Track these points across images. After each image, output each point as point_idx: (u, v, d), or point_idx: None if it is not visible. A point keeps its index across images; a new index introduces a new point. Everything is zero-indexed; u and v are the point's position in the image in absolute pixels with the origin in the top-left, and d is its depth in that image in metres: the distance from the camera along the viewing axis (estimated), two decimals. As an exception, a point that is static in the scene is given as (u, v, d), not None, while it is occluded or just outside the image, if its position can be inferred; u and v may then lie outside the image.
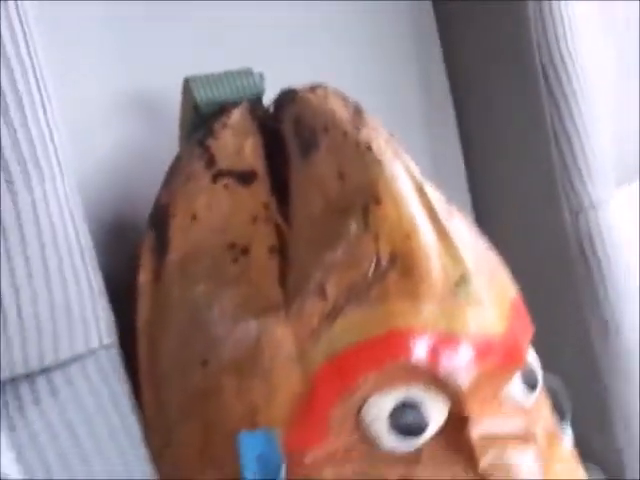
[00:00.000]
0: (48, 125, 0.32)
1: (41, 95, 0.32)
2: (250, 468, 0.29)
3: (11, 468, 0.28)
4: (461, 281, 0.30)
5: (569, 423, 0.38)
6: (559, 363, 0.42)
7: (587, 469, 0.51)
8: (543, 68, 0.52)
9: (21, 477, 0.28)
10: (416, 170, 0.32)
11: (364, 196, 0.31)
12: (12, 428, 0.30)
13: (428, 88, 0.53)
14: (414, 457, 0.29)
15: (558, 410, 0.38)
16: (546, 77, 0.51)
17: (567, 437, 0.35)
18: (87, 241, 0.34)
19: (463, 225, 0.34)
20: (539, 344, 0.35)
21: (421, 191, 0.32)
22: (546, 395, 0.36)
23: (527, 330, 0.33)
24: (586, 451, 0.50)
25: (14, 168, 0.30)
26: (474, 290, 0.30)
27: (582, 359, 0.53)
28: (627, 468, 0.52)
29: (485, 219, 0.54)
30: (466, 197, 0.54)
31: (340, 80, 0.36)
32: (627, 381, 0.52)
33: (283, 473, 0.29)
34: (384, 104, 0.44)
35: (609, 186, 0.55)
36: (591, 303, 0.52)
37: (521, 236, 0.55)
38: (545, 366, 0.36)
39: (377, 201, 0.31)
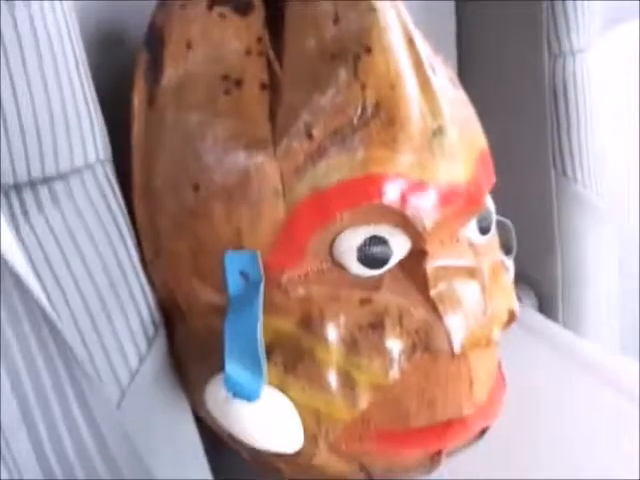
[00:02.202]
0: None
1: None
2: (234, 282, 0.33)
3: (19, 263, 0.30)
4: (437, 132, 0.33)
5: (512, 258, 0.43)
6: (518, 208, 0.46)
7: (522, 290, 0.58)
8: None
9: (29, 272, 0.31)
10: (408, 20, 0.33)
11: (356, 44, 0.32)
12: (17, 230, 0.33)
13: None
14: (376, 282, 0.34)
15: (505, 247, 0.42)
16: None
17: (509, 271, 0.40)
18: (83, 57, 0.35)
19: (445, 77, 0.36)
20: (501, 191, 0.39)
21: (410, 42, 0.33)
22: (497, 234, 0.40)
23: (489, 180, 0.37)
24: (525, 277, 0.57)
25: None
26: (447, 142, 0.33)
27: (540, 206, 0.57)
28: (559, 294, 0.59)
29: (469, 61, 0.55)
30: (452, 41, 0.54)
31: None
32: (575, 225, 0.57)
33: (262, 288, 0.33)
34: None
35: (590, 34, 0.55)
36: (554, 153, 0.55)
37: (502, 78, 0.56)
38: (500, 209, 0.40)
39: (368, 50, 0.32)
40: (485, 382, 0.37)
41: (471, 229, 0.36)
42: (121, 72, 0.38)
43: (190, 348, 0.37)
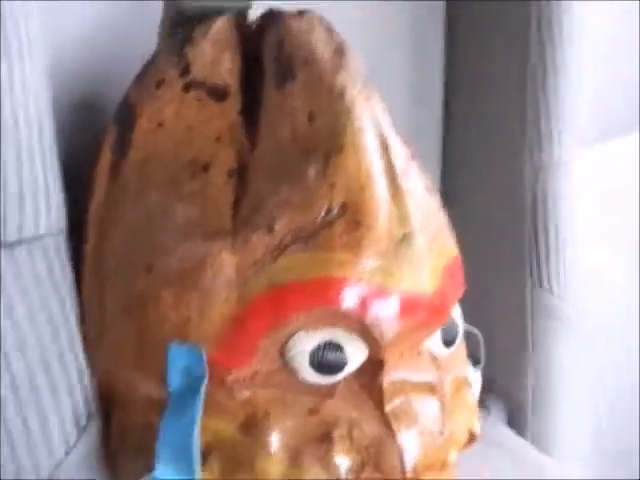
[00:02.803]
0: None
1: None
2: (175, 378, 0.31)
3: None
4: (404, 240, 0.32)
5: (479, 369, 0.41)
6: (491, 316, 0.45)
7: (491, 400, 0.56)
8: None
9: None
10: (386, 123, 0.33)
11: (329, 142, 0.31)
12: None
13: (419, 34, 0.53)
14: (328, 391, 0.32)
15: (473, 357, 0.41)
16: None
17: (473, 386, 0.38)
18: (50, 124, 0.34)
19: (419, 184, 0.35)
20: (474, 297, 0.37)
21: (385, 147, 0.32)
22: (465, 344, 0.39)
23: (457, 291, 0.35)
24: (493, 387, 0.55)
25: None
26: (414, 250, 0.32)
27: (514, 315, 0.56)
28: (529, 406, 0.57)
29: (452, 168, 0.55)
30: (438, 145, 0.55)
31: (330, 9, 0.35)
32: (553, 337, 0.56)
33: (204, 388, 0.31)
34: (370, 35, 0.44)
35: (573, 146, 0.56)
36: (532, 263, 0.55)
37: (483, 185, 0.56)
38: (473, 317, 0.39)
39: (339, 150, 0.31)
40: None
41: (434, 341, 0.34)
42: (92, 139, 0.37)
43: (125, 442, 0.34)
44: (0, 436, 0.31)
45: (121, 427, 0.34)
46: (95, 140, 0.37)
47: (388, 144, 0.32)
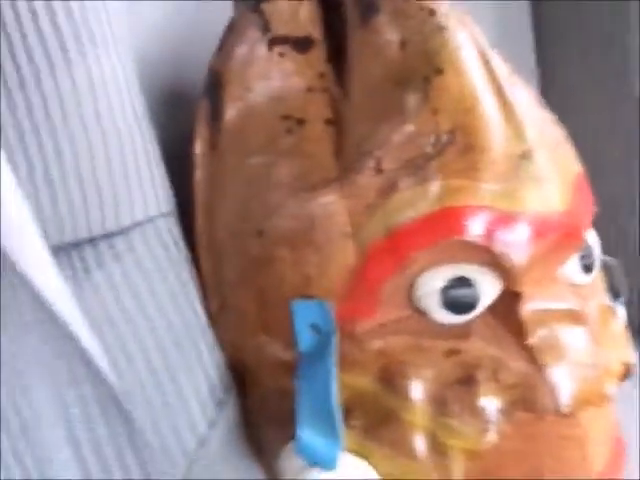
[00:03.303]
0: None
1: None
2: (303, 336, 0.30)
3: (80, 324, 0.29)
4: (523, 157, 0.29)
5: (623, 303, 0.37)
6: (624, 244, 0.41)
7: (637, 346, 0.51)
8: None
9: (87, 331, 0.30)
10: (482, 38, 0.30)
11: (425, 66, 0.29)
12: (79, 288, 0.31)
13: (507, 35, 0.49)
14: (464, 331, 0.30)
15: (613, 290, 0.37)
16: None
17: (620, 316, 0.35)
18: (142, 110, 0.34)
19: (528, 97, 0.32)
20: (601, 224, 0.34)
21: (486, 61, 0.30)
22: (602, 275, 0.35)
23: (588, 209, 0.32)
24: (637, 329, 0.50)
25: (67, 35, 0.30)
26: (536, 167, 0.29)
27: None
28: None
29: (551, 91, 0.51)
30: (532, 66, 0.51)
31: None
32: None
33: (335, 342, 0.29)
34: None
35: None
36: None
37: (588, 109, 0.52)
38: (606, 247, 0.36)
39: (438, 71, 0.29)
40: (602, 447, 0.32)
41: (572, 267, 0.32)
42: (186, 126, 0.37)
43: (263, 411, 0.34)
44: (144, 414, 0.31)
45: (257, 397, 0.34)
46: (186, 122, 0.36)
47: (489, 59, 0.30)
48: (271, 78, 0.34)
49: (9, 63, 0.29)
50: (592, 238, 0.33)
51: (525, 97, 0.32)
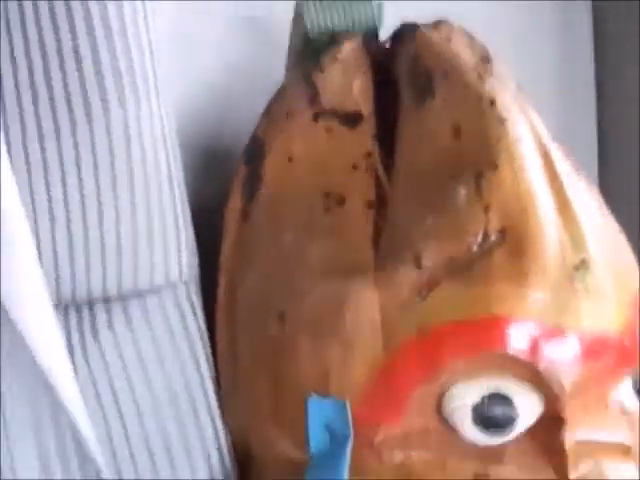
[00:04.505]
0: (149, 40, 0.30)
1: (144, 7, 0.30)
2: (316, 437, 0.27)
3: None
4: (580, 267, 0.27)
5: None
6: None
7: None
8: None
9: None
10: (544, 133, 0.28)
11: (480, 159, 0.27)
12: (84, 348, 0.30)
13: (568, 39, 0.48)
14: (496, 454, 0.27)
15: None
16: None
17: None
18: (177, 167, 0.32)
19: (591, 200, 0.29)
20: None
21: (547, 158, 0.28)
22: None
23: (648, 329, 0.29)
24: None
25: (109, 84, 0.29)
26: (593, 279, 0.27)
27: None
28: None
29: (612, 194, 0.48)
30: (594, 164, 0.48)
31: (468, 19, 0.32)
32: None
33: (349, 447, 0.27)
34: (515, 51, 0.40)
35: None
36: None
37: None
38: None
39: (494, 166, 0.27)
40: None
41: (625, 391, 0.28)
42: (221, 186, 0.35)
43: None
44: None
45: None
46: (224, 184, 0.35)
47: (550, 156, 0.27)
48: (315, 151, 0.32)
49: (45, 107, 0.28)
50: None
51: (587, 199, 0.29)
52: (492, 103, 0.28)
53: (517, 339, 0.26)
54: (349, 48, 0.33)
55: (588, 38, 0.49)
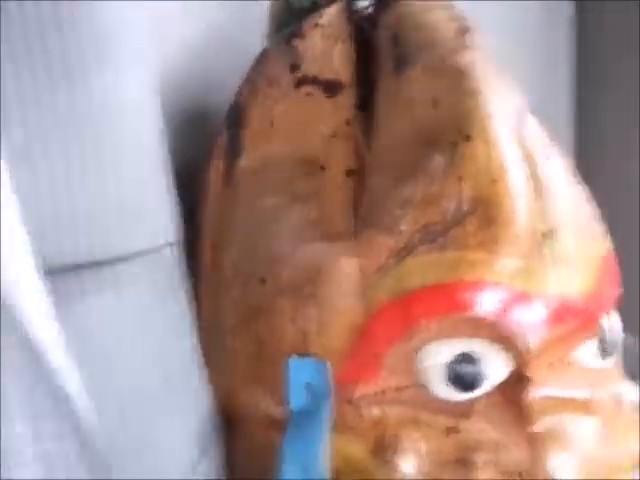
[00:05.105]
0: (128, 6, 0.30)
1: None
2: (296, 395, 0.29)
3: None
4: (548, 235, 0.28)
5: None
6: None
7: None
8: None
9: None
10: (519, 104, 0.29)
11: (455, 130, 0.28)
12: (72, 312, 0.30)
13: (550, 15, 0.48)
14: (465, 409, 0.28)
15: (630, 371, 0.35)
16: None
17: (636, 400, 0.33)
18: (161, 133, 0.33)
19: (562, 171, 0.30)
20: (627, 302, 0.33)
21: (520, 130, 0.28)
22: (619, 355, 0.34)
23: (613, 293, 0.31)
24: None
25: (89, 50, 0.29)
26: (561, 247, 0.28)
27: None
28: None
29: (586, 162, 0.50)
30: (570, 135, 0.49)
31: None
32: None
33: (330, 405, 0.28)
34: (496, 23, 0.40)
35: None
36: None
37: (623, 186, 0.50)
38: (628, 324, 0.34)
39: (467, 138, 0.28)
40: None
41: (588, 351, 0.30)
42: (203, 151, 0.36)
43: (248, 464, 0.32)
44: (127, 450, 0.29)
45: (243, 448, 0.32)
46: (207, 148, 0.35)
47: (524, 129, 0.28)
48: (295, 118, 0.32)
49: (27, 74, 0.28)
50: (614, 320, 0.32)
51: (559, 171, 0.30)
52: (468, 75, 0.28)
53: (486, 303, 0.27)
54: (330, 14, 0.33)
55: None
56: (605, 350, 0.30)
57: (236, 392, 0.32)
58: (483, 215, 0.27)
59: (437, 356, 0.28)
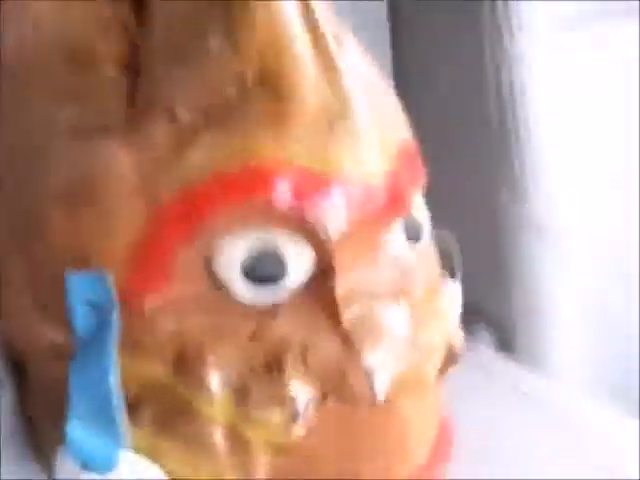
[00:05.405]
0: None
1: None
2: (79, 315, 0.25)
3: None
4: (343, 114, 0.26)
5: (459, 281, 0.35)
6: (460, 221, 0.40)
7: (476, 329, 0.51)
8: None
9: None
10: None
11: (233, 1, 0.25)
12: None
13: None
14: (271, 311, 0.26)
15: (448, 267, 0.35)
16: None
17: (453, 294, 0.33)
18: None
19: (357, 55, 0.29)
20: (439, 199, 0.32)
21: (307, 5, 0.26)
22: (435, 250, 0.33)
23: (415, 178, 0.30)
24: (478, 312, 0.50)
25: None
26: (354, 126, 0.26)
27: (485, 223, 0.51)
28: (518, 333, 0.52)
29: (404, 66, 0.49)
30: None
31: None
32: (528, 252, 0.51)
33: (115, 319, 0.25)
34: None
35: (542, 34, 0.50)
36: (503, 168, 0.49)
37: (441, 87, 0.51)
38: (443, 223, 0.33)
39: (244, 6, 0.25)
40: (423, 437, 0.29)
41: (395, 237, 0.29)
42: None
43: (40, 405, 0.29)
44: None
45: (34, 388, 0.28)
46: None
47: (311, 3, 0.26)
48: (62, 14, 0.28)
49: None
50: (420, 207, 0.31)
51: (354, 54, 0.28)
52: None
53: (279, 188, 0.25)
54: None
55: None
56: (412, 235, 0.29)
57: (16, 325, 0.27)
58: (269, 91, 0.25)
59: (232, 252, 0.25)
